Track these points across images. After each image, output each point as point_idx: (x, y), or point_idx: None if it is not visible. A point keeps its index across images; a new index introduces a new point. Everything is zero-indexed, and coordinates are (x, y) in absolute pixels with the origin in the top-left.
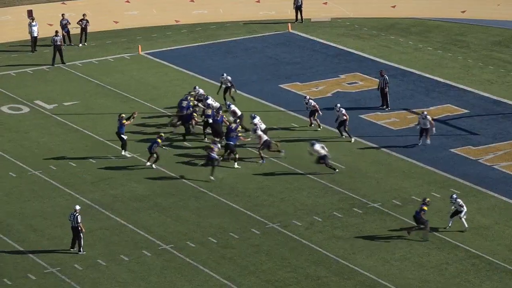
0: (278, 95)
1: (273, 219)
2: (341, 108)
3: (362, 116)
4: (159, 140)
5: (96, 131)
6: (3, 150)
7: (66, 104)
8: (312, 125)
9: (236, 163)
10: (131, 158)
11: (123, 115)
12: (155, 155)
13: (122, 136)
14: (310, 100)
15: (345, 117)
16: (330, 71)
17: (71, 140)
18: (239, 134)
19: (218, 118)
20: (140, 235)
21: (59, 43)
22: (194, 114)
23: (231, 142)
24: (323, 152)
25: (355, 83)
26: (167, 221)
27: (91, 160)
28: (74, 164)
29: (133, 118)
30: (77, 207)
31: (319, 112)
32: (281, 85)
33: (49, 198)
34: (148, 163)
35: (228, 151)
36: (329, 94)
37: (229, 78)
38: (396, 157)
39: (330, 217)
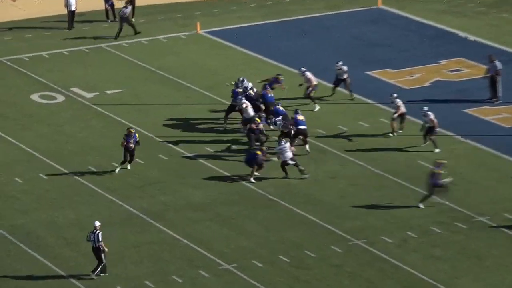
0: (365, 84)
1: (358, 234)
2: (428, 112)
3: (466, 110)
4: (258, 153)
5: (144, 125)
6: (32, 147)
7: (109, 92)
8: (395, 133)
9: (307, 146)
10: (185, 158)
11: (132, 130)
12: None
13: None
14: (398, 100)
15: (433, 124)
16: (428, 56)
17: (114, 136)
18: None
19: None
20: (197, 252)
21: (126, 16)
22: (257, 119)
23: (304, 126)
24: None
25: (458, 70)
26: (229, 235)
27: (138, 160)
28: (117, 165)
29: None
30: (97, 224)
31: (403, 116)
32: (369, 72)
33: (87, 205)
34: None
35: (301, 137)
36: (427, 84)
37: (345, 68)
38: (508, 160)
39: (427, 232)
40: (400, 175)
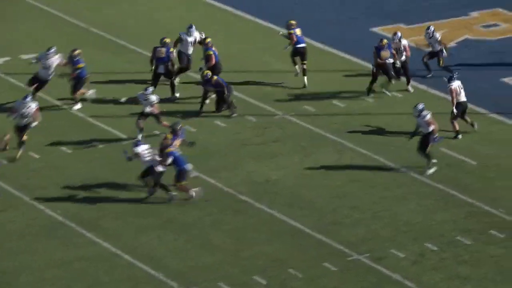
0: (369, 44)
1: (359, 246)
2: (424, 112)
3: (504, 79)
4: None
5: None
6: None
7: (24, 57)
8: (460, 135)
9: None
10: (127, 144)
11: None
12: None
13: None
14: (453, 83)
15: (431, 128)
16: (455, 7)
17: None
18: None
19: None
20: (143, 272)
21: None
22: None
23: (303, 44)
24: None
25: (495, 25)
26: (187, 249)
27: (63, 148)
28: (36, 155)
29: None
30: None
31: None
32: (374, 29)
33: None
34: None
35: None
36: (452, 44)
37: (437, 35)
38: None
39: (452, 244)
40: (417, 168)
